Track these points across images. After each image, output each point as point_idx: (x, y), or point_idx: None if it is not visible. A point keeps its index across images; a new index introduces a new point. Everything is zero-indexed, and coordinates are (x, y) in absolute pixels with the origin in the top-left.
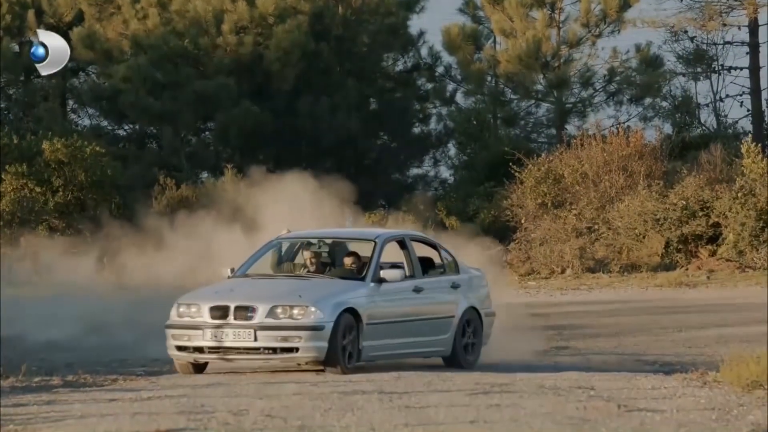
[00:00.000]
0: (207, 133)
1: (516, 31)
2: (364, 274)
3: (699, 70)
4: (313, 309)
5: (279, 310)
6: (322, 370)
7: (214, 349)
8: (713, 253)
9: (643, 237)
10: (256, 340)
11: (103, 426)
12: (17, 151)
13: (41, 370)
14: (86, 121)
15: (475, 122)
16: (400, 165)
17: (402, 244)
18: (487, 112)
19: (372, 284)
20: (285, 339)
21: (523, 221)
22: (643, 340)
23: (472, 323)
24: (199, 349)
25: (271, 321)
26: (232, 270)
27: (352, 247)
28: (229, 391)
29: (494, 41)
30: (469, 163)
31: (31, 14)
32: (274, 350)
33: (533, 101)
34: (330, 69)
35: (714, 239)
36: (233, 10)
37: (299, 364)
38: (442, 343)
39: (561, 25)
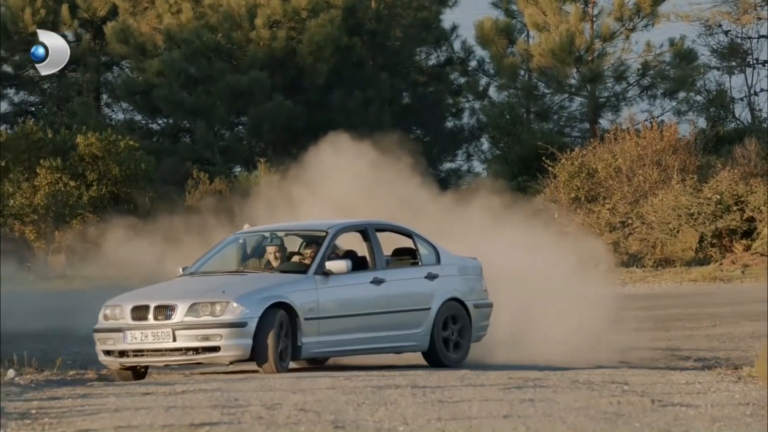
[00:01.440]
0: (240, 127)
1: (549, 25)
2: (307, 267)
3: (733, 63)
4: (235, 305)
5: (199, 308)
6: (256, 371)
7: (137, 352)
8: (747, 248)
9: (677, 231)
10: (175, 340)
11: (138, 419)
12: (52, 146)
13: (75, 364)
14: (120, 116)
15: (508, 116)
16: (432, 159)
17: (364, 234)
18: (520, 106)
19: (316, 277)
20: (206, 338)
21: (556, 216)
22: (678, 335)
23: (457, 317)
24: (123, 353)
25: (190, 319)
26: (184, 269)
27: (301, 239)
28: (262, 385)
29: (527, 35)
30: (502, 158)
31: (65, 9)
32: (196, 350)
33: (566, 95)
34: (363, 63)
35: (748, 234)
36: (266, 4)
37: (226, 364)
38: (414, 338)
39: (594, 19)
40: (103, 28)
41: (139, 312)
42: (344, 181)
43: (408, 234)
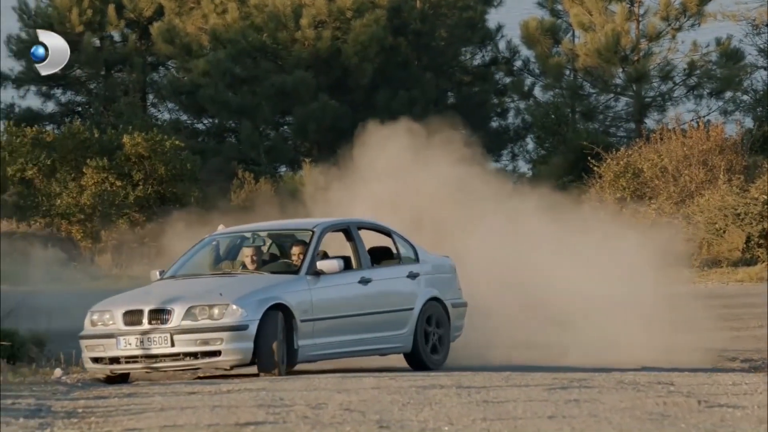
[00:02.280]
0: (285, 127)
1: (595, 25)
2: (298, 267)
3: None
4: (234, 307)
5: (197, 311)
6: (256, 375)
7: (131, 359)
8: None
9: (724, 232)
10: (173, 345)
11: (183, 418)
12: (98, 146)
13: None
14: (166, 116)
15: (553, 116)
16: (478, 159)
17: (347, 233)
18: (565, 106)
19: (308, 277)
20: (205, 342)
21: (602, 215)
22: (724, 336)
23: (436, 316)
24: (115, 360)
25: (188, 323)
26: (162, 272)
27: (288, 239)
28: (307, 385)
29: (573, 35)
30: (547, 158)
31: (111, 9)
32: (195, 355)
33: (612, 95)
34: (408, 63)
35: None
36: (312, 4)
37: (226, 369)
38: (399, 339)
39: (640, 19)
40: (149, 29)
41: (132, 317)
42: (397, 174)
43: (387, 232)
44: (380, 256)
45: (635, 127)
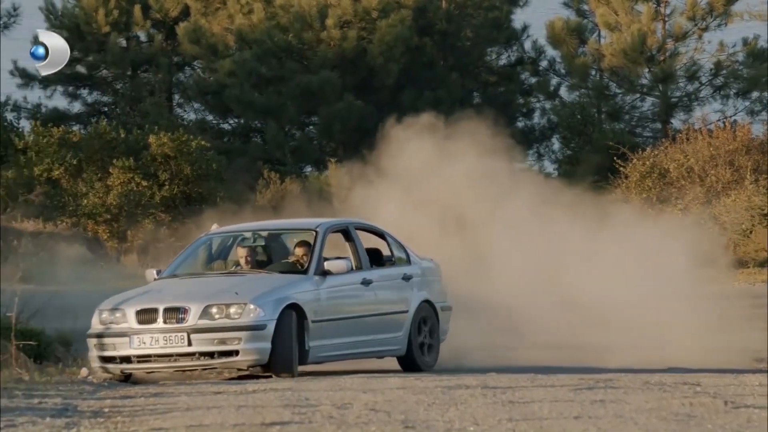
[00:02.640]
0: (311, 127)
1: (621, 25)
2: (306, 266)
3: None
4: (252, 306)
5: (214, 310)
6: (269, 376)
7: (143, 358)
8: None
9: (750, 232)
10: (190, 344)
11: (209, 418)
12: (124, 146)
13: None
14: (192, 116)
15: (579, 116)
16: (507, 156)
17: (346, 233)
18: (591, 106)
19: (316, 277)
20: (222, 342)
21: (626, 215)
22: (751, 337)
23: (428, 319)
24: (126, 359)
25: (205, 322)
26: (159, 272)
27: (291, 238)
28: (333, 385)
29: (599, 35)
30: (573, 158)
31: (137, 10)
32: (211, 355)
33: (638, 95)
34: (433, 63)
35: None
36: (337, 4)
37: (239, 370)
38: (395, 342)
39: (667, 19)
40: (175, 29)
41: (147, 315)
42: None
43: (380, 234)
44: (373, 258)
45: (661, 127)
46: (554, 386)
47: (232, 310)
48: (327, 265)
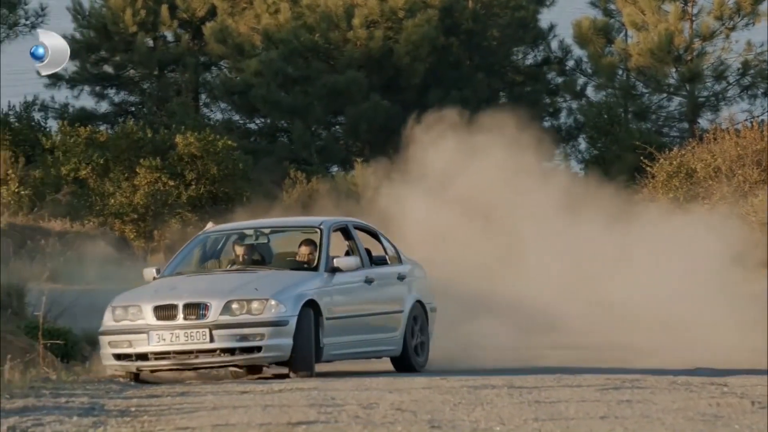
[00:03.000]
0: (337, 127)
1: (648, 24)
2: (315, 263)
3: None
4: (274, 302)
5: (235, 306)
6: (286, 376)
7: (161, 355)
8: None
9: None
10: (212, 340)
11: (235, 417)
12: (151, 145)
13: None
14: (218, 115)
15: (606, 116)
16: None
17: (346, 232)
18: (618, 105)
19: (326, 274)
20: (245, 337)
21: (652, 215)
22: None
23: (419, 319)
24: (143, 356)
25: (227, 318)
26: (158, 271)
27: (293, 236)
28: (359, 385)
29: (626, 34)
30: (599, 158)
31: (164, 10)
32: (232, 351)
33: (665, 95)
34: (459, 63)
35: None
36: (364, 4)
37: (266, 366)
38: (393, 342)
39: (694, 18)
40: (201, 29)
41: (165, 311)
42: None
43: (374, 233)
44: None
45: (688, 127)
46: (580, 386)
47: (254, 305)
48: (336, 261)
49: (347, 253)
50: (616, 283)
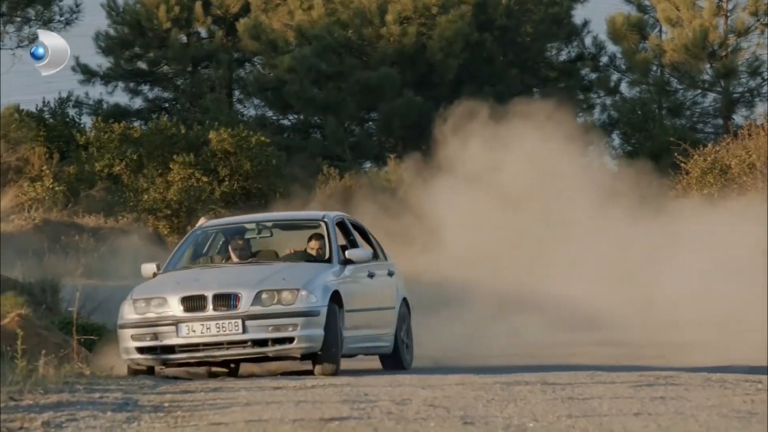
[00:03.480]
0: (370, 123)
1: (682, 20)
2: (328, 256)
3: None
4: (305, 292)
5: (265, 296)
6: (309, 372)
7: (189, 347)
8: None
9: None
10: (245, 331)
11: (268, 413)
12: (185, 141)
13: None
14: (251, 112)
15: (639, 112)
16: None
17: (342, 226)
18: (652, 102)
19: (338, 266)
20: (277, 328)
21: (685, 212)
22: None
23: (406, 317)
24: (169, 349)
25: (258, 309)
26: (159, 266)
27: (296, 230)
28: (392, 381)
29: (660, 30)
30: (633, 153)
31: (198, 6)
32: (264, 342)
33: (699, 91)
34: (493, 59)
35: None
36: (397, 0)
37: (297, 358)
38: (388, 338)
39: (729, 14)
40: (235, 25)
41: (194, 302)
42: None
43: (361, 229)
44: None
45: (723, 123)
46: (614, 383)
47: (285, 295)
48: (349, 253)
49: (344, 248)
50: (653, 280)
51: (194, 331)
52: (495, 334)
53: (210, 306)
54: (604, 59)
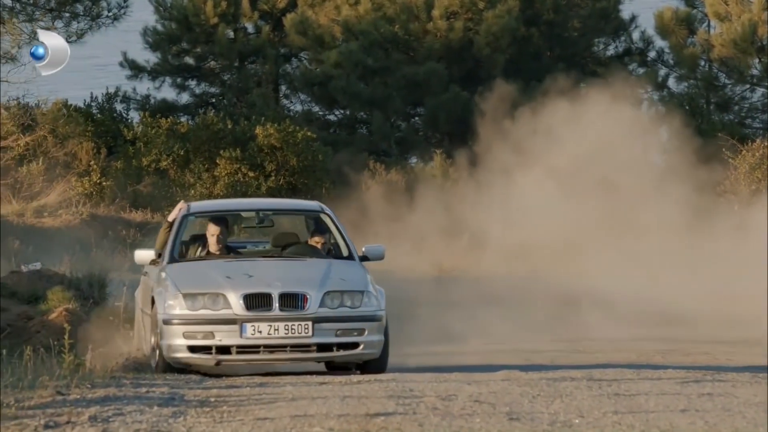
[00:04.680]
0: (416, 118)
1: (731, 15)
2: (347, 252)
3: None
4: (368, 296)
5: (331, 298)
6: (357, 371)
7: (248, 349)
8: None
9: None
10: (313, 334)
11: (314, 408)
12: (231, 137)
13: None
14: (298, 107)
15: (687, 107)
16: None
17: (331, 219)
18: (700, 97)
19: (362, 264)
20: (344, 332)
21: (736, 208)
22: None
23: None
24: (225, 349)
25: (326, 311)
26: (159, 255)
27: (293, 220)
28: (437, 377)
29: (708, 25)
30: (681, 149)
31: (245, 1)
32: (328, 347)
33: (748, 86)
34: (540, 54)
35: None
36: None
37: (359, 363)
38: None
39: None
40: (282, 20)
41: (258, 301)
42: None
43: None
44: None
45: None
46: (660, 379)
47: (351, 298)
48: (366, 250)
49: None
50: (721, 274)
51: (260, 331)
52: (554, 330)
53: (276, 305)
54: (652, 54)
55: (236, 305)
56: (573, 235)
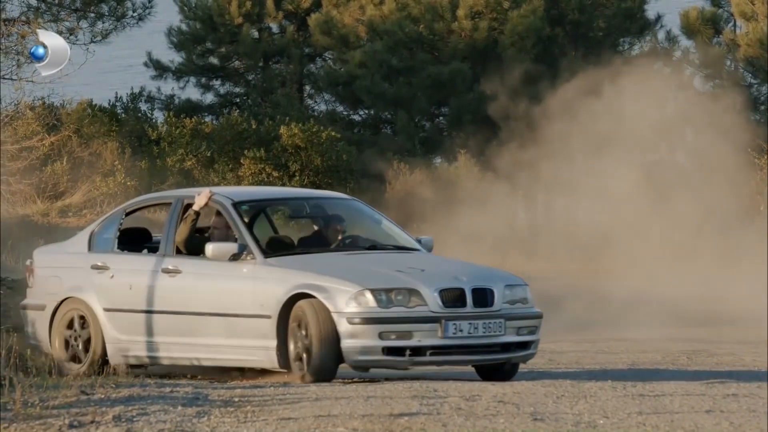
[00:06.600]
0: (441, 118)
1: (757, 14)
2: (416, 244)
3: None
4: (528, 291)
5: (511, 293)
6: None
7: (443, 350)
8: None
9: None
10: (504, 333)
11: (337, 408)
12: (255, 136)
13: None
14: (322, 107)
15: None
16: None
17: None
18: (726, 97)
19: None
20: (523, 330)
21: (761, 208)
22: None
23: None
24: (419, 351)
25: (508, 307)
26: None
27: (327, 210)
28: (460, 377)
29: (734, 25)
30: (706, 149)
31: (270, 1)
32: (509, 347)
33: None
34: (565, 54)
35: None
36: None
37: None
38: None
39: None
40: (306, 20)
41: (454, 297)
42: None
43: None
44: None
45: None
46: (686, 380)
47: (524, 292)
48: (423, 241)
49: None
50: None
51: (461, 330)
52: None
53: (470, 302)
54: (678, 54)
55: (432, 302)
56: (618, 235)
